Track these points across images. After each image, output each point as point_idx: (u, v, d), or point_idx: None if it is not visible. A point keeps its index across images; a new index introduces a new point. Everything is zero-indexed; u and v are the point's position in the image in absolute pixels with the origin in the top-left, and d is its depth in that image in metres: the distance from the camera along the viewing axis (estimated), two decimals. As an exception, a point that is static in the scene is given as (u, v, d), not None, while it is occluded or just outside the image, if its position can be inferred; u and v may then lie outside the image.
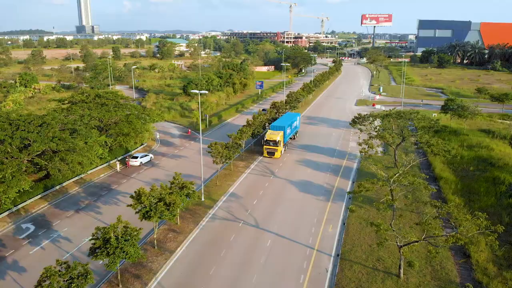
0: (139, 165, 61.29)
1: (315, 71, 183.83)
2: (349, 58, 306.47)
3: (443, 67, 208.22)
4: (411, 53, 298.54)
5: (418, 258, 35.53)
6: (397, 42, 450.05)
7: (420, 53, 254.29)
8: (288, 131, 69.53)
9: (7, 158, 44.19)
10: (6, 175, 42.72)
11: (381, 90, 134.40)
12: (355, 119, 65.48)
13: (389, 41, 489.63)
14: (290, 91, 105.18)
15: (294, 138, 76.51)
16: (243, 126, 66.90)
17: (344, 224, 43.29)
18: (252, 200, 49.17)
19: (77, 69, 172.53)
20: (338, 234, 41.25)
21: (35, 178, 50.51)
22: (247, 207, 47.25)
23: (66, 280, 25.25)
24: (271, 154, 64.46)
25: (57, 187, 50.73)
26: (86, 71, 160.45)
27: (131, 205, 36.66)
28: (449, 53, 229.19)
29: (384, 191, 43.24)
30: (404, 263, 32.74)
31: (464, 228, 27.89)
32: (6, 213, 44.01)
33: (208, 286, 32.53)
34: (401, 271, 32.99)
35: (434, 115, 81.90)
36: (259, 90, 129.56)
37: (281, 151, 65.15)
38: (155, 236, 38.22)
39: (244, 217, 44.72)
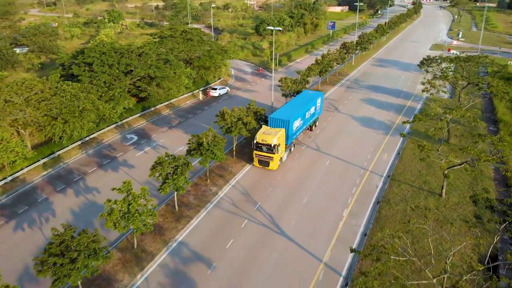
0: (218, 96, 69.22)
1: (386, 10, 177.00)
2: (431, 0, 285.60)
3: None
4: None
5: (462, 184, 40.09)
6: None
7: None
8: (297, 124, 47.32)
9: (115, 80, 53.73)
10: (115, 93, 52.58)
11: (459, 36, 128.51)
12: (423, 61, 67.08)
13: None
14: (362, 32, 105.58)
15: (311, 129, 54.58)
16: (312, 64, 71.31)
17: (398, 153, 48.15)
18: (315, 130, 55.08)
19: (157, 7, 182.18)
20: (392, 161, 46.43)
21: (134, 100, 60.38)
22: (310, 135, 53.40)
23: (173, 167, 33.79)
24: (263, 163, 43.28)
25: (152, 109, 60.45)
26: (165, 10, 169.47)
27: (216, 121, 44.53)
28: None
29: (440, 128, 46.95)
30: (447, 184, 37.54)
31: (496, 151, 31.91)
32: (114, 125, 54.36)
33: (277, 185, 40.35)
34: (443, 191, 37.90)
35: (510, 63, 79.76)
36: (331, 31, 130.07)
37: (281, 158, 44.18)
38: (234, 148, 46.25)
39: (307, 143, 51.13)
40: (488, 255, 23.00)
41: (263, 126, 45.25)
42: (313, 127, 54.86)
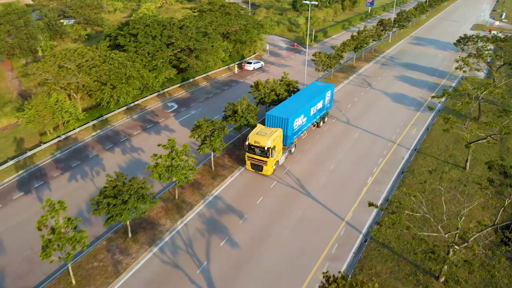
0: (252, 70, 71.58)
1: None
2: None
3: None
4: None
5: (487, 159, 40.88)
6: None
7: None
8: (300, 122, 42.32)
9: (158, 50, 57.05)
10: (158, 64, 55.96)
11: (502, 17, 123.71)
12: (460, 39, 66.48)
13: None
14: (401, 10, 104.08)
15: (318, 126, 48.86)
16: (347, 40, 72.01)
17: (427, 129, 49.27)
18: (346, 104, 56.68)
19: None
20: (420, 136, 47.71)
21: (175, 71, 63.69)
22: (341, 109, 55.09)
23: (210, 130, 36.90)
24: (256, 168, 38.49)
25: (191, 80, 63.73)
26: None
27: (251, 92, 47.12)
28: None
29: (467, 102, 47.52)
30: (471, 158, 38.76)
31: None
32: (156, 94, 58.04)
33: (306, 153, 42.77)
34: (468, 164, 39.20)
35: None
36: (369, 8, 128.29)
37: (277, 162, 39.27)
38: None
39: (338, 116, 52.96)
40: (498, 217, 24.70)
41: (258, 125, 39.75)
42: (321, 123, 48.92)
